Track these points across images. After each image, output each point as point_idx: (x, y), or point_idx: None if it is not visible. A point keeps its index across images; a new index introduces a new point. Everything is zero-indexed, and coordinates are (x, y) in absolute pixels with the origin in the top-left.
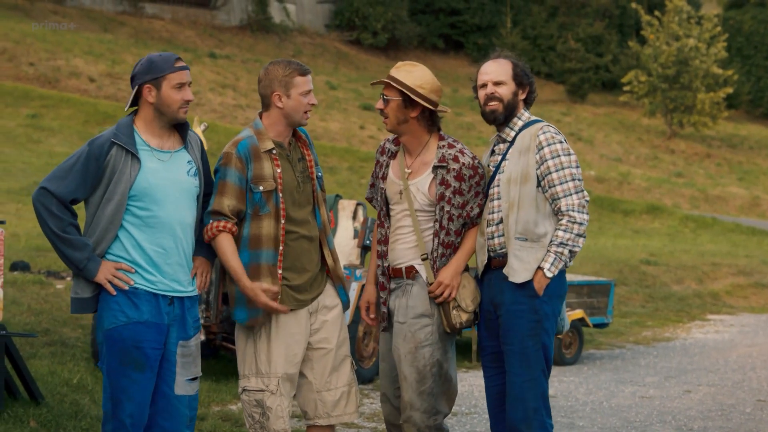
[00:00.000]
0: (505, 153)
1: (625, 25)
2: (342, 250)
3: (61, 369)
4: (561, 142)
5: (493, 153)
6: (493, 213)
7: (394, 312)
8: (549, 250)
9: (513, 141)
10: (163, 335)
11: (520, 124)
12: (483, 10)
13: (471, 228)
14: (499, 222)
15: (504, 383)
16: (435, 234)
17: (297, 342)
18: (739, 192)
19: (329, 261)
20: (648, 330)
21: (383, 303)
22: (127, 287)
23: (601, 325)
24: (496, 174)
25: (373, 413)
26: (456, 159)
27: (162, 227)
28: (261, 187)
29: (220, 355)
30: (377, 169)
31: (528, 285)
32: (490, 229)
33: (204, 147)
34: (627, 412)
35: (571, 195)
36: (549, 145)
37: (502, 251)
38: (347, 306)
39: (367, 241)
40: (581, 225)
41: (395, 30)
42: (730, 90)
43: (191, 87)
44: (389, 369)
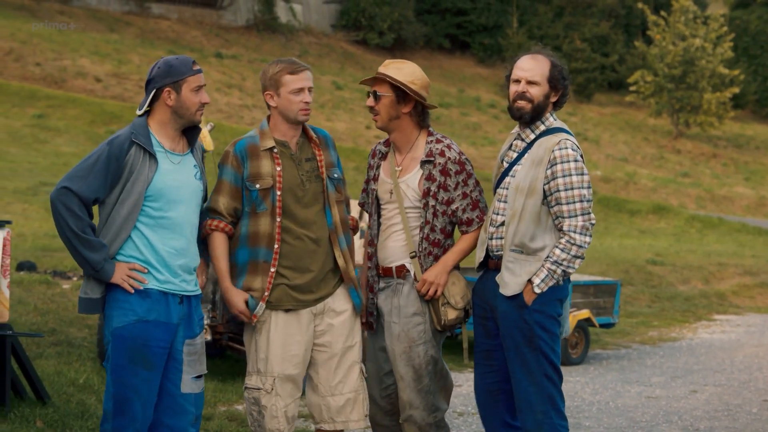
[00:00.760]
0: (521, 155)
1: (632, 25)
2: None
3: (68, 369)
4: (576, 160)
5: (510, 148)
6: (498, 214)
7: (383, 312)
8: (543, 265)
9: (530, 144)
10: (172, 334)
11: (542, 128)
12: (489, 10)
13: (467, 233)
14: (500, 225)
15: (495, 381)
16: (420, 229)
17: (296, 342)
18: (746, 192)
19: (340, 262)
20: (654, 330)
21: (372, 304)
22: (141, 287)
23: (607, 325)
24: (506, 175)
25: None
26: (442, 153)
27: (174, 228)
28: (257, 185)
29: (226, 355)
30: (369, 172)
31: (518, 296)
32: (492, 229)
33: (204, 151)
34: (633, 412)
35: (576, 216)
36: (562, 163)
37: (498, 253)
38: (360, 308)
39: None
40: (580, 248)
41: (401, 30)
42: (736, 90)
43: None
44: (376, 369)
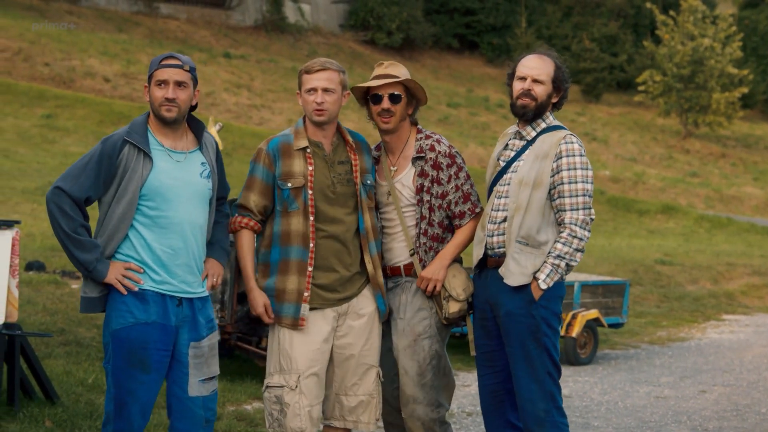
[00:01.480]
0: (521, 152)
1: (640, 25)
2: None
3: (77, 369)
4: (581, 155)
5: (507, 147)
6: (498, 210)
7: (391, 310)
8: (546, 261)
9: (531, 142)
10: (171, 336)
11: (543, 125)
12: (498, 10)
13: (461, 227)
14: (502, 221)
15: (498, 383)
16: (416, 225)
17: (321, 341)
18: (755, 192)
19: (369, 268)
20: (663, 330)
21: None
22: (137, 288)
23: (616, 325)
24: (505, 172)
25: None
26: (432, 148)
27: (172, 228)
28: (289, 184)
29: (235, 355)
30: None
31: (524, 289)
32: (491, 226)
33: (219, 149)
34: (642, 412)
35: (578, 210)
36: (568, 156)
37: (499, 250)
38: (384, 315)
39: None
40: (581, 240)
41: (410, 30)
42: (745, 90)
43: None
44: (387, 370)
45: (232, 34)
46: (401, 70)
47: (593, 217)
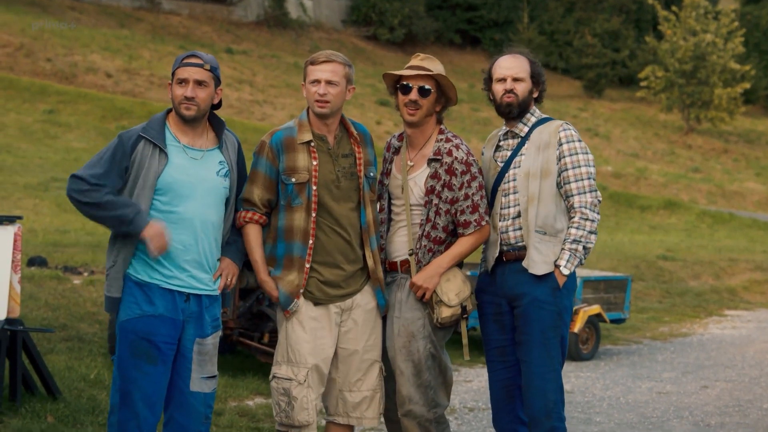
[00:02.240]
0: (518, 148)
1: (642, 21)
2: None
3: (78, 364)
4: (579, 140)
5: (500, 149)
6: (509, 207)
7: (389, 306)
8: (563, 247)
9: (526, 136)
10: (178, 331)
11: (533, 120)
12: (500, 5)
13: (462, 236)
14: (516, 216)
15: (510, 377)
16: (420, 226)
17: (323, 337)
18: (757, 187)
19: (369, 262)
20: (665, 325)
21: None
22: (166, 247)
23: (618, 321)
24: (507, 170)
25: None
26: (450, 153)
27: (183, 223)
28: (293, 179)
29: (237, 351)
30: (383, 166)
31: (549, 278)
32: (504, 224)
33: (242, 151)
34: (644, 407)
35: (585, 193)
36: (568, 143)
37: (517, 245)
38: (384, 309)
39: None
40: (593, 222)
41: (412, 25)
42: (747, 85)
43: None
44: (387, 366)
45: (234, 29)
46: (437, 65)
47: (600, 199)
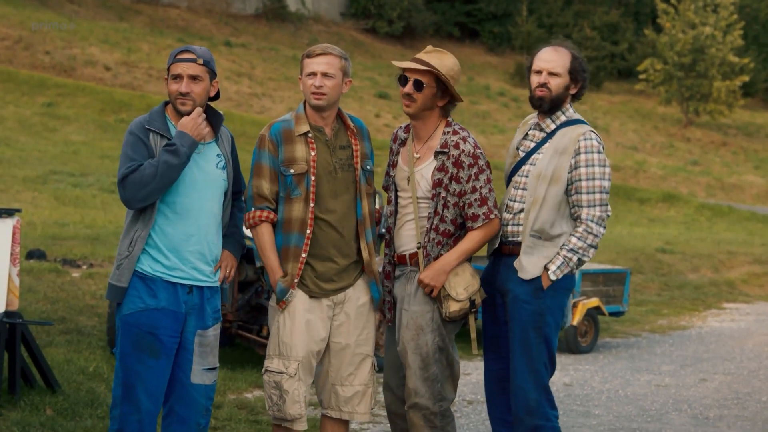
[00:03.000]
0: (540, 144)
1: (641, 13)
2: None
3: (77, 357)
4: (600, 152)
5: (527, 138)
6: (515, 201)
7: (397, 299)
8: (559, 252)
9: (551, 134)
10: (180, 323)
11: (563, 119)
12: None
13: (471, 230)
14: (519, 212)
15: (501, 368)
16: (428, 219)
17: (316, 330)
18: (756, 180)
19: (365, 255)
20: (664, 318)
21: (388, 291)
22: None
23: (617, 314)
24: (524, 163)
25: None
26: (457, 145)
27: (186, 215)
28: (292, 170)
29: (235, 344)
30: (390, 156)
31: (535, 279)
32: (507, 216)
33: (235, 144)
34: (643, 400)
35: (595, 206)
36: (587, 153)
37: (514, 239)
38: (378, 303)
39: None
40: (596, 237)
41: (411, 18)
42: (746, 78)
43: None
44: (394, 358)
45: (232, 22)
46: (444, 61)
47: (609, 214)
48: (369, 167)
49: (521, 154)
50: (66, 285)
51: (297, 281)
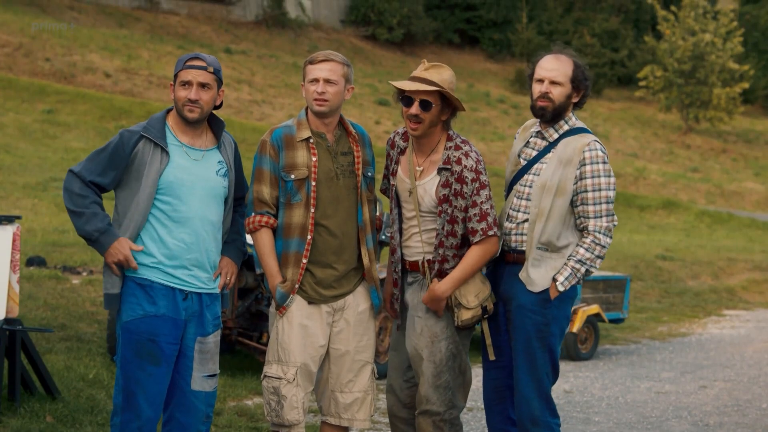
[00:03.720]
0: (543, 153)
1: (641, 20)
2: None
3: (77, 364)
4: (605, 162)
5: (528, 145)
6: (518, 211)
7: (409, 306)
8: (567, 263)
9: (554, 144)
10: (180, 330)
11: (565, 127)
12: (498, 5)
13: (473, 245)
14: (523, 222)
15: (500, 377)
16: (437, 235)
17: (314, 335)
18: (756, 187)
19: (365, 261)
20: (664, 325)
21: (396, 299)
22: (135, 266)
23: (617, 321)
24: (526, 172)
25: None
26: (459, 161)
27: (184, 222)
28: (293, 176)
29: (236, 351)
30: (388, 162)
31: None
32: (509, 225)
33: (238, 150)
34: (643, 407)
35: (602, 217)
36: (592, 164)
37: (517, 248)
38: (378, 309)
39: (383, 236)
40: (603, 248)
41: (411, 25)
42: (746, 85)
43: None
44: (400, 361)
45: (232, 29)
46: (443, 75)
47: (615, 223)
48: (370, 174)
49: (523, 162)
50: (66, 292)
51: (297, 287)
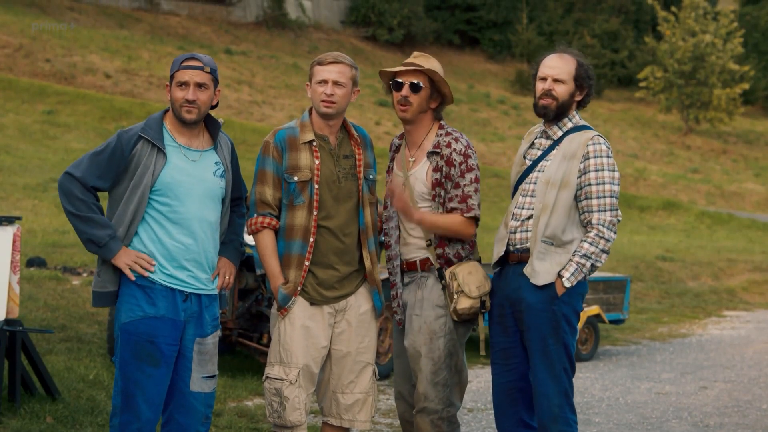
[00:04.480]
0: (547, 151)
1: (641, 21)
2: None
3: (78, 365)
4: (609, 156)
5: (533, 146)
6: (523, 209)
7: (407, 305)
8: (572, 259)
9: (558, 141)
10: (179, 331)
11: (569, 125)
12: (499, 6)
13: (456, 212)
14: (527, 219)
15: (511, 380)
16: None
17: (315, 336)
18: (756, 188)
19: (367, 264)
20: (664, 326)
21: (393, 297)
22: (147, 274)
23: (617, 322)
24: (531, 170)
25: (389, 409)
26: (449, 145)
27: (182, 223)
28: (295, 177)
29: (236, 351)
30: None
31: (549, 286)
32: (514, 223)
33: (235, 150)
34: (643, 408)
35: (606, 211)
36: (596, 158)
37: (522, 246)
38: (380, 312)
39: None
40: (608, 242)
41: (411, 26)
42: (746, 86)
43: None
44: (404, 367)
45: (233, 30)
46: (431, 62)
47: (620, 218)
48: (372, 176)
49: (528, 162)
50: (66, 293)
51: (300, 289)
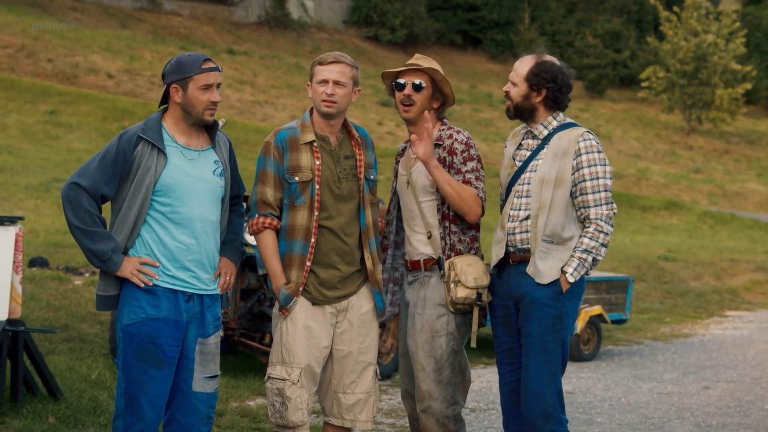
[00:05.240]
0: (537, 151)
1: (644, 21)
2: None
3: (80, 365)
4: (599, 151)
5: (521, 147)
6: (519, 210)
7: (409, 304)
8: (573, 255)
9: (546, 140)
10: (182, 332)
11: (554, 124)
12: (501, 6)
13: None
14: (524, 219)
15: (517, 380)
16: (439, 210)
17: (317, 336)
18: (758, 188)
19: (368, 264)
20: (666, 326)
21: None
22: (152, 283)
23: (619, 322)
24: (523, 171)
25: (392, 409)
26: (450, 137)
27: (184, 224)
28: (296, 178)
29: (238, 351)
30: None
31: (553, 283)
32: (512, 225)
33: (233, 149)
34: (645, 408)
35: (602, 205)
36: (588, 153)
37: (523, 247)
38: (382, 312)
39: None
40: (606, 235)
41: (413, 26)
42: (748, 86)
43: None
44: (409, 366)
45: (235, 30)
46: (432, 63)
47: (615, 211)
48: (372, 177)
49: (518, 163)
50: (68, 293)
51: (302, 290)
